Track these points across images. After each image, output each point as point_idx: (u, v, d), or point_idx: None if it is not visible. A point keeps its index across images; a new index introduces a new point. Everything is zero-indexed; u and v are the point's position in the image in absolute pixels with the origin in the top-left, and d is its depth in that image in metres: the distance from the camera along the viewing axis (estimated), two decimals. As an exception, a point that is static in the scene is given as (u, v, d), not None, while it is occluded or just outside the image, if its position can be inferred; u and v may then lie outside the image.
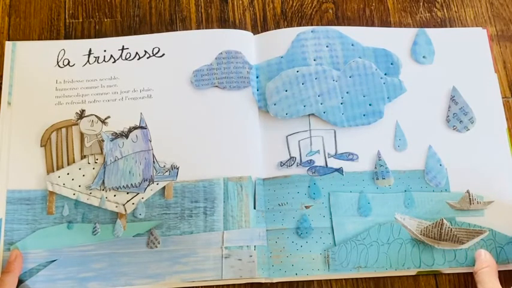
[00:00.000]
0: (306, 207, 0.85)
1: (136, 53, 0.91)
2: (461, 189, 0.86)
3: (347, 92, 0.89)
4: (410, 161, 0.88)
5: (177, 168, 0.86)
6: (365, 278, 0.83)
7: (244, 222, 0.84)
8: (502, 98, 0.91)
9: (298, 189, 0.86)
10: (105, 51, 0.91)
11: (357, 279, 0.83)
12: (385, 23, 0.95)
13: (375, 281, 0.83)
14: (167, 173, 0.85)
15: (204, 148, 0.87)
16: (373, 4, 0.96)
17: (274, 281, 0.82)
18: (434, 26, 0.95)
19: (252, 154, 0.87)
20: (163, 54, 0.91)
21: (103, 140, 0.86)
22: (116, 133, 0.87)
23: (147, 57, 0.91)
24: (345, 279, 0.83)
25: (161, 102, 0.89)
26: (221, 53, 0.91)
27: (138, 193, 0.85)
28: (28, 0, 0.94)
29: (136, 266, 0.82)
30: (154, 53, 0.91)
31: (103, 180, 0.85)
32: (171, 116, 0.88)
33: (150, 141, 0.87)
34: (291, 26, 0.94)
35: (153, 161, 0.86)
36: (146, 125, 0.87)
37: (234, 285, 0.83)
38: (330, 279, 0.83)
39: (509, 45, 0.95)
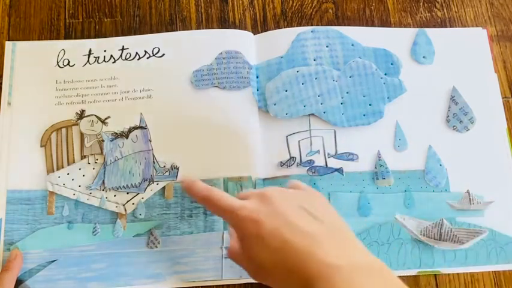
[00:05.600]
0: (306, 207, 0.85)
1: (136, 53, 0.91)
2: (461, 189, 0.86)
3: (347, 92, 0.89)
4: (410, 161, 0.88)
5: (177, 169, 0.86)
6: (365, 278, 0.83)
7: (244, 222, 0.84)
8: (502, 98, 0.91)
9: (298, 189, 0.86)
10: (105, 51, 0.91)
11: (357, 279, 0.83)
12: (385, 23, 0.95)
13: (375, 281, 0.83)
14: (167, 173, 0.85)
15: (204, 148, 0.87)
16: (373, 4, 0.96)
17: (275, 280, 0.82)
18: (434, 26, 0.95)
19: (252, 154, 0.87)
20: (163, 55, 0.91)
21: (103, 140, 0.86)
22: (116, 133, 0.87)
23: (147, 58, 0.91)
24: (345, 279, 0.83)
25: (161, 103, 0.89)
26: (221, 53, 0.90)
27: (138, 193, 0.85)
28: (28, 0, 0.94)
29: (136, 266, 0.82)
30: (154, 53, 0.91)
31: (103, 181, 0.85)
32: (171, 116, 0.88)
33: (150, 141, 0.87)
34: (291, 26, 0.94)
35: (153, 161, 0.86)
36: (146, 125, 0.87)
37: (234, 285, 0.83)
38: (330, 279, 0.83)
39: (509, 45, 0.95)
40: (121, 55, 0.91)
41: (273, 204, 0.66)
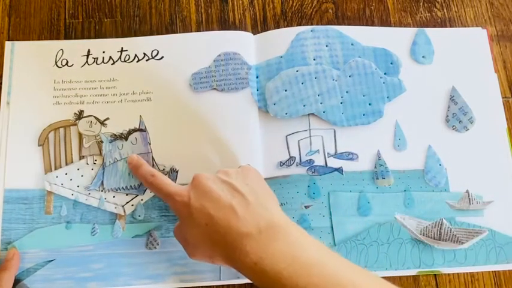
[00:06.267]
0: (306, 207, 0.85)
1: (136, 55, 0.91)
2: (461, 189, 0.86)
3: (347, 92, 0.88)
4: (410, 160, 0.87)
5: (177, 171, 0.86)
6: (365, 278, 0.83)
7: (243, 222, 0.83)
8: (502, 98, 0.91)
9: (297, 189, 0.85)
10: (103, 52, 0.91)
11: (356, 279, 0.83)
12: (385, 23, 0.95)
13: (374, 281, 0.83)
14: (166, 176, 0.85)
15: (203, 151, 0.87)
16: (373, 4, 0.96)
17: (275, 280, 0.82)
18: (434, 26, 0.95)
19: (251, 154, 0.87)
20: (163, 57, 0.91)
21: (102, 142, 0.86)
22: (115, 135, 0.87)
23: (146, 60, 0.91)
24: (344, 279, 0.83)
25: (160, 105, 0.89)
26: (219, 55, 0.90)
27: (138, 195, 0.85)
28: (28, 0, 0.94)
29: (135, 267, 0.82)
30: (153, 56, 0.91)
31: (102, 181, 0.85)
32: (170, 119, 0.88)
33: (150, 144, 0.87)
34: (291, 26, 0.94)
35: (153, 164, 0.86)
36: (145, 128, 0.87)
37: (234, 285, 0.83)
38: (329, 279, 0.83)
39: (509, 45, 0.95)
40: (120, 57, 0.91)
41: (200, 185, 0.73)
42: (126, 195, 0.85)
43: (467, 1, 0.97)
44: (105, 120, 0.88)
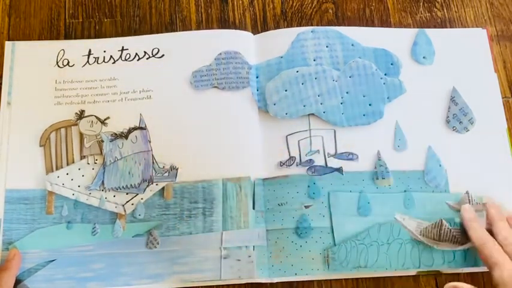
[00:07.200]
0: (306, 207, 0.85)
1: (136, 53, 0.91)
2: (461, 190, 0.86)
3: (347, 92, 0.88)
4: (410, 161, 0.87)
5: (176, 169, 0.86)
6: (365, 278, 0.83)
7: (243, 222, 0.84)
8: (502, 98, 0.91)
9: (297, 189, 0.85)
10: (104, 51, 0.91)
11: (357, 279, 0.83)
12: (385, 23, 0.95)
13: (374, 281, 0.83)
14: (166, 174, 0.85)
15: (203, 149, 0.87)
16: (373, 4, 0.96)
17: (274, 281, 0.82)
18: (435, 26, 0.95)
19: (251, 154, 0.87)
20: (163, 55, 0.91)
21: (102, 141, 0.86)
22: (116, 134, 0.87)
23: (147, 58, 0.91)
24: (344, 279, 0.83)
25: (161, 103, 0.89)
26: (220, 53, 0.90)
27: (138, 194, 0.85)
28: (28, 0, 0.94)
29: (135, 267, 0.82)
30: (153, 54, 0.91)
31: (102, 181, 0.85)
32: (170, 117, 0.88)
33: (150, 142, 0.87)
34: (291, 26, 0.94)
35: (153, 162, 0.86)
36: (146, 126, 0.87)
37: (234, 285, 0.83)
38: (329, 279, 0.83)
39: (509, 45, 0.95)
40: (121, 56, 0.91)
41: None
42: (127, 194, 0.85)
43: (467, 1, 0.97)
44: (105, 119, 0.88)
